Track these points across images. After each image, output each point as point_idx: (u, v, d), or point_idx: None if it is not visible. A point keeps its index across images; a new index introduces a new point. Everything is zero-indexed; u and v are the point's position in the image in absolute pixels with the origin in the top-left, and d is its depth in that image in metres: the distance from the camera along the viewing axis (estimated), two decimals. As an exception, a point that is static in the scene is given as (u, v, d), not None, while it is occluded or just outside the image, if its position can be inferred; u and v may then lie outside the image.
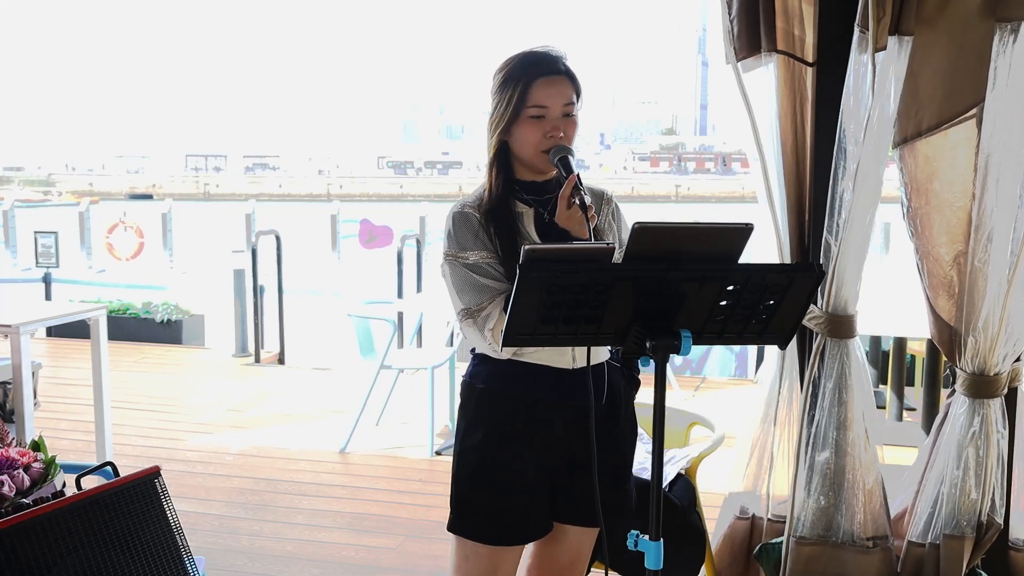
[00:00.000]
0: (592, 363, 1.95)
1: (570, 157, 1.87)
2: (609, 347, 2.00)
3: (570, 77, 1.91)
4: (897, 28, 2.23)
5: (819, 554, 2.43)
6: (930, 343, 3.32)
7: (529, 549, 2.11)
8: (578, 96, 1.92)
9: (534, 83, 1.87)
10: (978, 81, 2.24)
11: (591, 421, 1.86)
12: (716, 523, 2.74)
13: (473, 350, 2.03)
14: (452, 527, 2.01)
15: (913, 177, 2.37)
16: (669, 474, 2.50)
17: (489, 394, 1.96)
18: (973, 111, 2.28)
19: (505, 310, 1.81)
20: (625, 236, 1.99)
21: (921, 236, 2.39)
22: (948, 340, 2.43)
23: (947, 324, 2.42)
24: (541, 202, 1.95)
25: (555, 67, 1.90)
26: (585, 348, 1.92)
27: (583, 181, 1.83)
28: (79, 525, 1.87)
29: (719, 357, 6.91)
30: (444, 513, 2.03)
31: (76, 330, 5.94)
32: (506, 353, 1.89)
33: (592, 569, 2.34)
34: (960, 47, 2.25)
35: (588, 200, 1.79)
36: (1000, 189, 2.25)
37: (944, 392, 4.13)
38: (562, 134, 1.88)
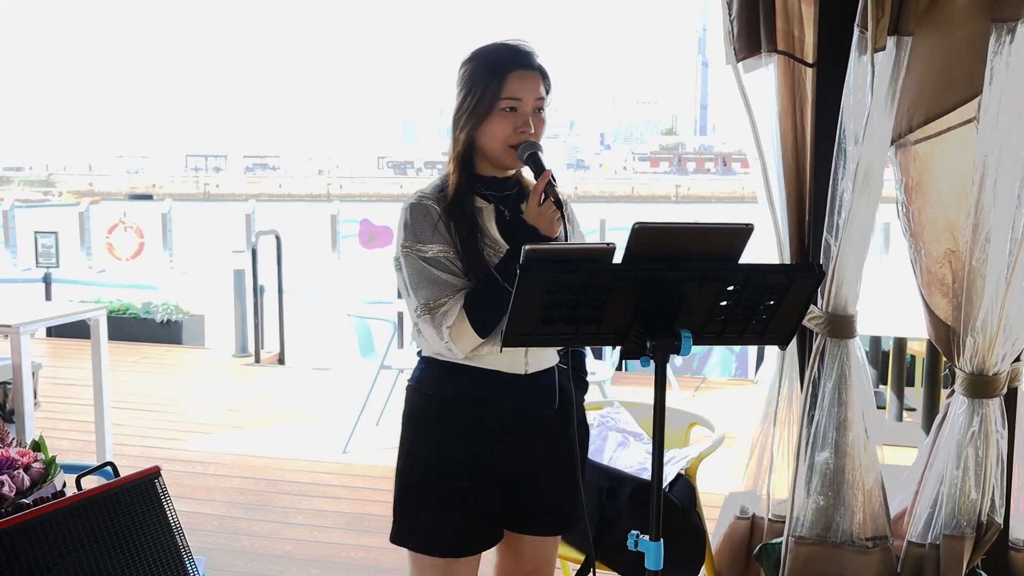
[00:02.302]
0: (542, 368, 1.92)
1: (540, 154, 1.83)
2: (558, 349, 1.97)
3: (542, 73, 1.88)
4: (896, 28, 2.23)
5: (818, 554, 2.43)
6: (930, 343, 3.32)
7: (491, 560, 2.07)
8: (548, 93, 1.89)
9: (509, 75, 1.83)
10: (968, 79, 2.24)
11: (572, 427, 1.84)
12: (716, 523, 2.74)
13: (419, 353, 1.96)
14: (396, 539, 1.94)
15: (908, 175, 2.38)
16: (669, 474, 2.50)
17: (439, 400, 1.90)
18: (973, 115, 2.28)
19: (465, 308, 1.79)
20: (579, 239, 1.96)
21: (915, 234, 2.40)
22: (945, 339, 2.43)
23: (943, 323, 2.42)
24: (500, 199, 1.91)
25: (530, 61, 1.86)
26: (538, 351, 1.90)
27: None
28: (79, 525, 1.86)
29: (719, 357, 6.91)
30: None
31: (76, 330, 5.94)
32: (461, 354, 1.83)
33: (592, 569, 2.34)
34: (951, 45, 2.25)
35: (563, 197, 1.77)
36: (998, 189, 2.25)
37: (944, 392, 4.13)
38: (532, 130, 1.85)
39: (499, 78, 1.83)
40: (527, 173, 1.97)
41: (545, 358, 1.93)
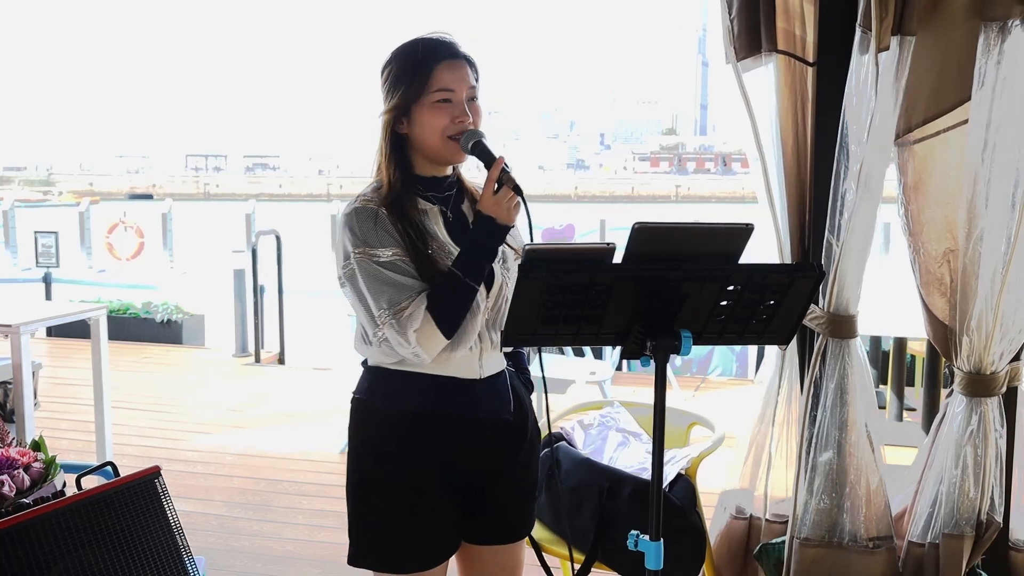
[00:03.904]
0: (495, 371, 1.87)
1: (485, 141, 1.77)
2: (504, 351, 1.92)
3: (469, 61, 1.82)
4: (899, 28, 2.23)
5: (823, 556, 2.43)
6: (930, 343, 3.33)
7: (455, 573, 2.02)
8: (477, 81, 1.84)
9: (436, 67, 1.77)
10: (964, 79, 2.24)
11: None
12: (711, 521, 2.74)
13: (365, 362, 1.89)
14: (355, 561, 1.86)
15: (908, 175, 2.38)
16: (669, 474, 2.50)
17: (391, 412, 1.82)
18: (964, 115, 2.28)
19: (428, 310, 1.71)
20: (525, 236, 1.87)
21: (914, 233, 2.40)
22: (943, 338, 2.43)
23: (942, 322, 2.43)
24: (442, 199, 1.85)
25: (454, 51, 1.80)
26: (491, 354, 1.85)
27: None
28: (79, 525, 1.87)
29: (720, 357, 6.91)
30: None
31: (76, 330, 5.95)
32: (429, 359, 1.75)
33: (592, 569, 2.35)
34: (949, 45, 2.25)
35: (517, 181, 1.72)
36: (991, 188, 2.25)
37: (944, 392, 4.14)
38: (471, 119, 1.79)
39: (426, 71, 1.77)
40: (466, 172, 1.93)
41: (496, 361, 1.88)
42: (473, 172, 1.93)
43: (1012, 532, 2.49)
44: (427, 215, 1.82)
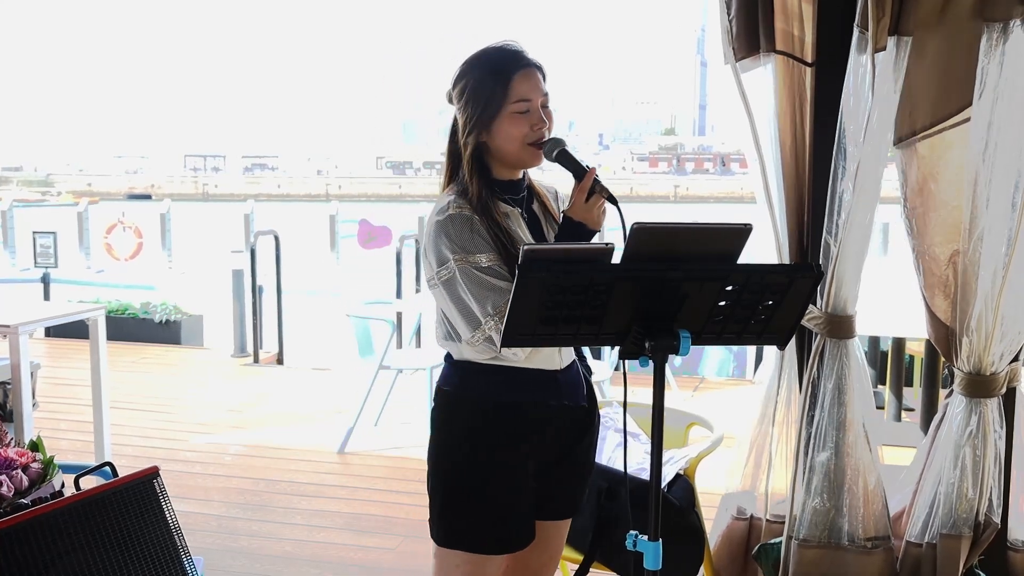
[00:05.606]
0: (568, 362, 1.96)
1: (568, 149, 1.86)
2: None
3: (539, 68, 1.91)
4: (896, 28, 2.24)
5: (821, 556, 2.43)
6: (928, 343, 3.33)
7: None
8: (546, 84, 1.92)
9: (514, 77, 1.85)
10: (970, 82, 2.25)
11: (623, 418, 1.84)
12: (713, 523, 2.74)
13: (449, 356, 1.97)
14: (447, 542, 1.93)
15: (911, 177, 2.38)
16: (668, 474, 2.50)
17: (481, 403, 1.90)
18: (968, 114, 2.28)
19: None
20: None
21: (918, 235, 2.40)
22: (944, 339, 2.43)
23: (943, 324, 2.43)
24: (518, 201, 1.94)
25: (528, 60, 1.88)
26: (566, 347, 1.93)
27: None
28: (78, 525, 1.87)
29: (718, 357, 6.91)
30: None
31: (75, 330, 5.93)
32: (524, 355, 1.85)
33: (592, 569, 2.35)
34: (952, 47, 2.26)
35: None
36: (992, 189, 2.25)
37: (943, 392, 4.13)
38: (547, 125, 1.88)
39: (504, 82, 1.85)
40: (535, 174, 2.01)
41: (570, 352, 1.97)
42: (536, 171, 2.02)
43: (1010, 532, 2.49)
44: (510, 218, 1.90)
